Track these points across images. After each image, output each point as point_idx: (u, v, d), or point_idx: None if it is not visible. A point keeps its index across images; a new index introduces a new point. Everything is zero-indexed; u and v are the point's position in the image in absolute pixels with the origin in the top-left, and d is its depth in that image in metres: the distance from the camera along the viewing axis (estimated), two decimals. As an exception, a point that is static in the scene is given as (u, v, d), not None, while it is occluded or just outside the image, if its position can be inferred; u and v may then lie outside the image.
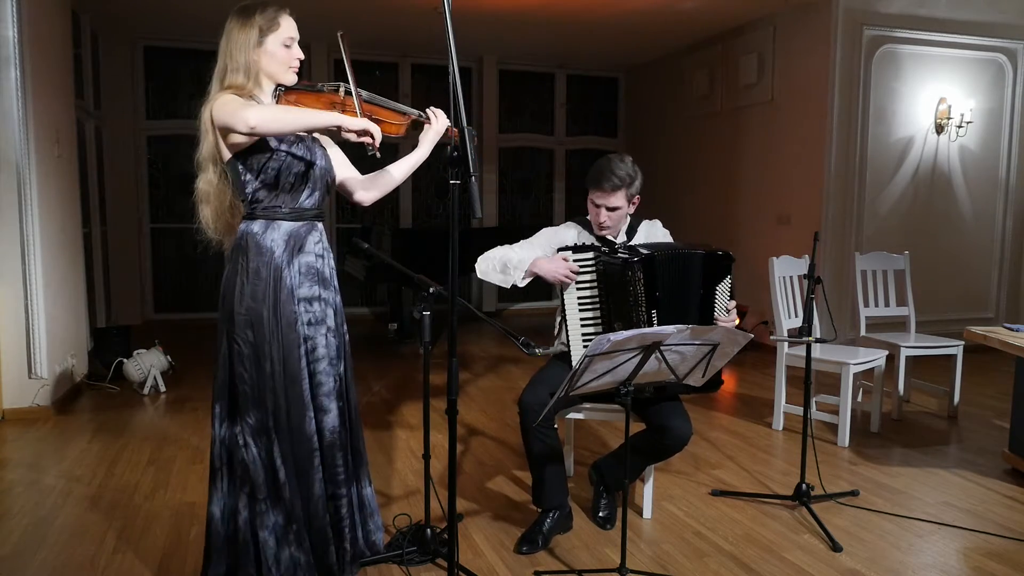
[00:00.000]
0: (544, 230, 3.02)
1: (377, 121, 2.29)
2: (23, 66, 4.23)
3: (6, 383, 4.37)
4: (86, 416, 4.48)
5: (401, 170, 2.51)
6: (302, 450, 2.27)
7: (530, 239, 2.98)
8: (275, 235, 2.25)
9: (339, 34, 2.22)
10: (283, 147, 2.22)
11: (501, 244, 2.95)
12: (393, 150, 2.45)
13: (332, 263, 2.41)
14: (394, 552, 2.60)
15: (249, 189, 2.24)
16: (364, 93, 2.30)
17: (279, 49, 2.23)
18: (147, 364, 4.99)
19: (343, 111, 2.24)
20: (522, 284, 2.80)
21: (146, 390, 4.95)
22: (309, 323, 2.30)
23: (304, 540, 2.28)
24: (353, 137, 2.17)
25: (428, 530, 2.64)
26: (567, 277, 2.72)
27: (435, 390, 4.60)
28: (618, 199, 2.79)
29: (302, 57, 2.29)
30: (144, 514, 3.03)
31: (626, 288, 2.65)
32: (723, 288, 2.77)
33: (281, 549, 2.26)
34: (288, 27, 2.25)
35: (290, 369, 2.25)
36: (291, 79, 2.27)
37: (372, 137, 2.16)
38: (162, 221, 7.74)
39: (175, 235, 7.79)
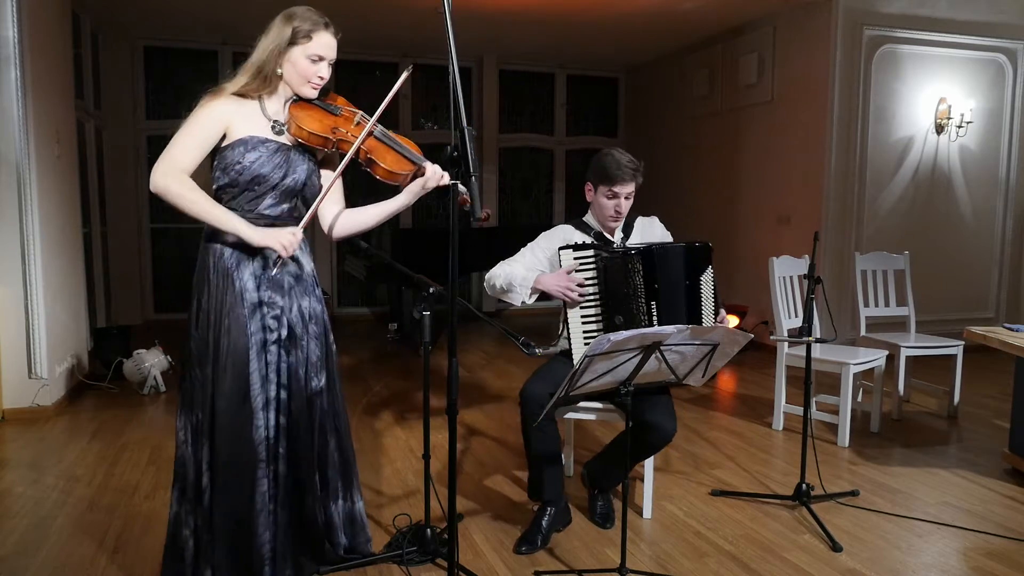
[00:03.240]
0: (541, 235, 3.05)
1: (372, 163, 2.23)
2: (23, 66, 4.23)
3: (6, 383, 4.37)
4: (86, 416, 4.48)
5: (376, 215, 2.40)
6: (243, 458, 2.18)
7: (530, 245, 3.02)
8: (228, 237, 2.20)
9: (409, 67, 2.22)
10: (252, 155, 2.17)
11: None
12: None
13: (309, 269, 2.34)
14: (394, 552, 2.61)
15: (215, 185, 2.22)
16: (378, 130, 2.25)
17: (302, 61, 2.19)
18: (147, 364, 4.98)
19: (340, 140, 2.21)
20: (530, 301, 2.88)
21: (146, 390, 4.95)
22: (265, 328, 2.23)
23: (218, 553, 2.19)
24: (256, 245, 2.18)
25: (428, 530, 2.64)
26: (570, 290, 2.75)
27: (435, 390, 4.60)
28: (633, 187, 2.90)
29: (326, 77, 2.24)
30: (144, 514, 3.03)
31: (626, 280, 2.72)
32: (707, 279, 2.82)
33: (198, 555, 2.22)
34: (320, 44, 2.20)
35: (237, 372, 2.18)
36: (308, 94, 2.24)
37: (278, 251, 2.17)
38: (162, 221, 7.74)
39: (175, 235, 7.80)
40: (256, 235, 2.15)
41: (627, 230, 3.01)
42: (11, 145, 4.24)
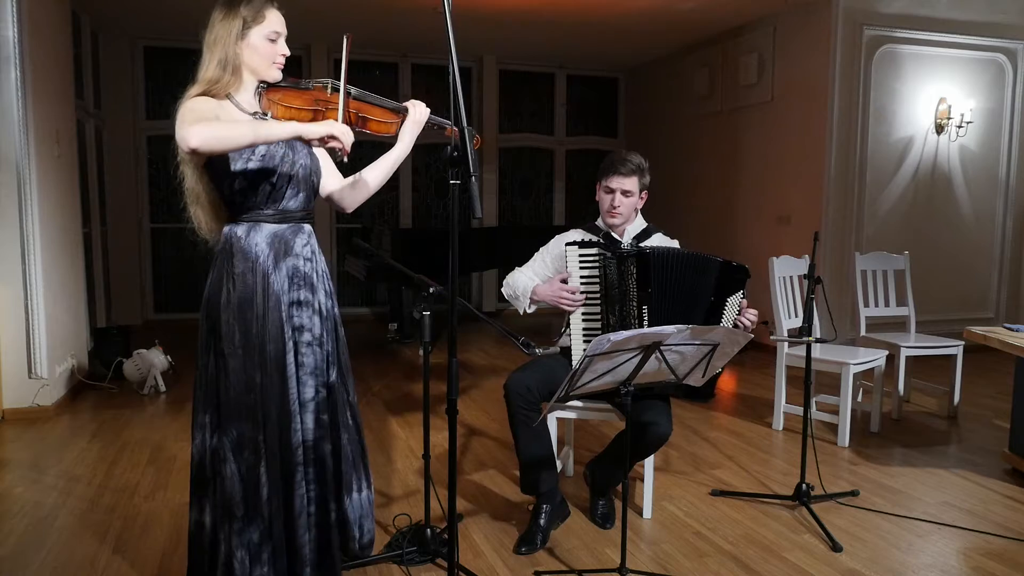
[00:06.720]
0: (553, 240, 3.10)
1: (365, 120, 2.20)
2: (23, 66, 4.23)
3: (6, 383, 4.37)
4: (86, 416, 4.48)
5: (381, 170, 2.38)
6: (288, 465, 2.15)
7: (541, 250, 3.11)
8: (258, 237, 2.14)
9: (346, 35, 2.16)
10: (260, 150, 2.10)
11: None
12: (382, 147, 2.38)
13: (323, 266, 2.31)
14: (394, 552, 2.61)
15: (227, 192, 2.15)
16: (353, 90, 2.19)
17: (263, 43, 2.13)
18: (147, 364, 4.98)
19: (327, 108, 2.14)
20: (531, 310, 2.97)
21: (146, 390, 4.95)
22: (297, 329, 2.19)
23: (279, 559, 2.16)
24: (317, 144, 2.06)
25: (428, 530, 2.64)
26: (563, 299, 2.79)
27: (435, 390, 4.60)
28: (632, 184, 2.90)
29: (287, 53, 2.19)
30: (144, 514, 3.03)
31: (620, 281, 2.72)
32: (734, 301, 2.78)
33: (254, 567, 2.15)
34: (274, 20, 2.15)
35: (280, 379, 2.14)
36: (275, 75, 2.18)
37: (340, 141, 2.03)
38: (162, 221, 7.74)
39: (175, 235, 7.80)
40: (311, 128, 2.00)
41: (642, 238, 2.99)
42: (11, 145, 4.24)
